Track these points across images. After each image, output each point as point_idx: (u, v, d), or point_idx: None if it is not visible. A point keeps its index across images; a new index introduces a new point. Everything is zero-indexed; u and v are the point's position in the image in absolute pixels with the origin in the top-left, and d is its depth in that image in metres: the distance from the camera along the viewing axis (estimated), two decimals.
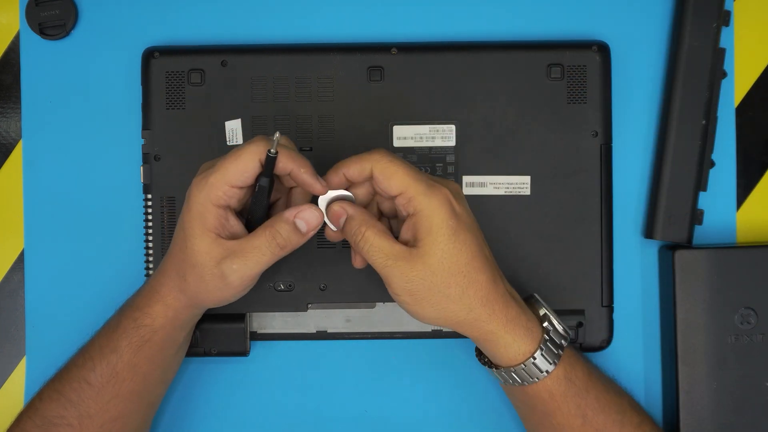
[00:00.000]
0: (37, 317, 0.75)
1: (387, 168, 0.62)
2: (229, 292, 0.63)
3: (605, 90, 0.72)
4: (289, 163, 0.62)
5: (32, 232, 0.75)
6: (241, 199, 0.63)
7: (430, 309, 0.63)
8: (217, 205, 0.61)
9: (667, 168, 0.72)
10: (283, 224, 0.62)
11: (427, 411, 0.74)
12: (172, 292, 0.64)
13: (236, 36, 0.74)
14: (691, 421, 0.70)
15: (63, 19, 0.74)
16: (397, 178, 0.62)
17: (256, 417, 0.74)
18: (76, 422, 0.65)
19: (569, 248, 0.72)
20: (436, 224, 0.61)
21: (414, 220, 0.62)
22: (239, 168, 0.61)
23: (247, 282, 0.63)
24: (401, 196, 0.62)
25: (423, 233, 0.62)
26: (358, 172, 0.63)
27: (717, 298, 0.71)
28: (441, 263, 0.61)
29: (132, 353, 0.65)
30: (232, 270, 0.62)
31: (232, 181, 0.61)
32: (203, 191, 0.61)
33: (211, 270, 0.62)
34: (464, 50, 0.72)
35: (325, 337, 0.73)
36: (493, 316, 0.63)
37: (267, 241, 0.62)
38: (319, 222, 0.63)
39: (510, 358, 0.64)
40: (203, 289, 0.63)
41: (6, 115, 0.75)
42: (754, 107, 0.75)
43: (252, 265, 0.62)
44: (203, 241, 0.62)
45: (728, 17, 0.72)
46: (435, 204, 0.61)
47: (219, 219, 0.62)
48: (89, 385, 0.65)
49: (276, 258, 0.62)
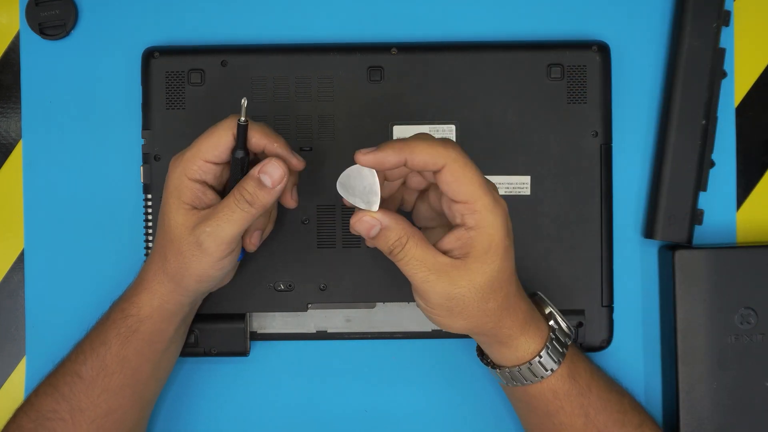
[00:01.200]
0: (37, 317, 0.75)
1: (462, 172, 0.58)
2: (207, 260, 0.62)
3: (605, 90, 0.72)
4: (263, 139, 0.62)
5: (32, 232, 0.75)
6: (217, 176, 0.63)
7: (461, 321, 0.61)
8: (191, 179, 0.62)
9: (667, 168, 0.72)
10: (249, 180, 0.61)
11: (427, 411, 0.74)
12: (156, 276, 0.64)
13: (236, 36, 0.75)
14: (691, 421, 0.70)
15: (63, 19, 0.74)
16: (470, 186, 0.58)
17: (256, 417, 0.74)
18: (68, 416, 0.65)
19: (569, 248, 0.72)
20: (495, 244, 0.59)
21: (471, 234, 0.59)
22: (212, 142, 0.61)
23: (223, 247, 0.62)
24: (465, 205, 0.59)
25: (479, 251, 0.59)
26: (424, 164, 0.58)
27: (717, 298, 0.71)
28: (488, 282, 0.60)
29: (120, 345, 0.65)
30: (206, 234, 0.61)
31: (206, 156, 0.61)
32: (179, 167, 0.62)
33: (186, 239, 0.62)
34: (464, 50, 0.72)
35: (325, 337, 0.73)
36: (515, 322, 0.62)
37: (236, 200, 0.61)
38: (282, 175, 0.61)
39: (517, 358, 0.64)
40: (183, 264, 0.62)
41: (6, 115, 0.75)
42: (754, 107, 0.75)
43: (224, 225, 0.61)
44: (178, 214, 0.62)
45: (728, 17, 0.72)
46: (498, 222, 0.59)
47: (195, 192, 0.62)
48: (80, 379, 0.65)
49: (248, 216, 0.61)
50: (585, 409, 0.65)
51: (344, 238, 0.72)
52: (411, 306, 0.73)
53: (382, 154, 0.58)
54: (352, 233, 0.61)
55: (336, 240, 0.72)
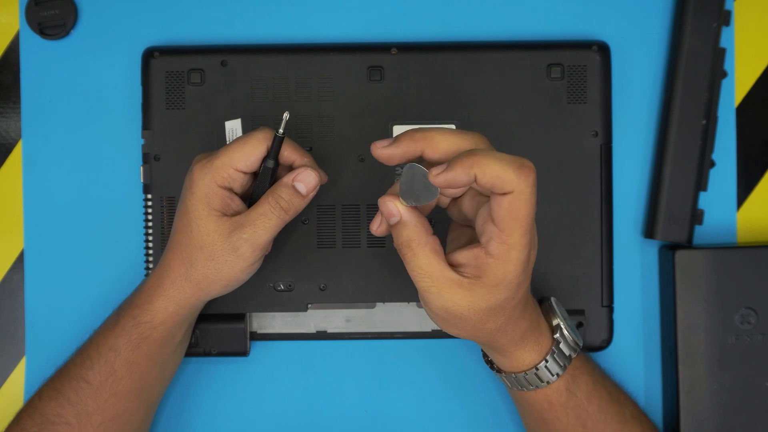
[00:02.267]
0: (37, 317, 0.75)
1: (520, 208, 0.54)
2: (240, 265, 0.63)
3: (605, 90, 0.72)
4: (294, 153, 0.64)
5: (32, 232, 0.75)
6: (243, 185, 0.64)
7: (455, 330, 0.61)
8: (221, 186, 0.63)
9: (667, 168, 0.72)
10: (284, 188, 0.63)
11: (427, 411, 0.74)
12: (175, 283, 0.64)
13: (236, 36, 0.74)
14: (691, 421, 0.70)
15: (63, 19, 0.74)
16: (518, 222, 0.55)
17: (256, 417, 0.74)
18: (74, 420, 0.65)
19: (569, 248, 0.72)
20: (509, 280, 0.57)
21: (489, 262, 0.56)
22: (246, 152, 0.63)
23: (258, 252, 0.63)
24: (501, 234, 0.56)
25: (491, 280, 0.57)
26: (491, 186, 0.54)
27: (717, 298, 0.70)
28: (490, 308, 0.58)
29: (130, 351, 0.65)
30: (242, 240, 0.62)
31: (237, 165, 0.62)
32: (208, 174, 0.63)
33: (221, 245, 0.63)
34: (464, 50, 0.72)
35: (325, 337, 0.73)
36: (513, 339, 0.62)
37: (271, 207, 0.63)
38: (316, 183, 0.64)
39: (514, 367, 0.64)
40: (213, 270, 0.63)
41: (6, 115, 0.75)
42: (754, 107, 0.75)
43: (261, 231, 0.62)
44: (210, 220, 0.63)
45: (728, 17, 0.72)
46: (521, 259, 0.56)
47: (224, 199, 0.63)
48: (87, 384, 0.65)
49: (282, 223, 0.63)
50: (582, 420, 0.65)
51: (344, 238, 0.72)
52: (411, 306, 0.73)
53: (451, 174, 0.55)
54: (372, 225, 0.60)
55: (336, 240, 0.72)
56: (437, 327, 0.72)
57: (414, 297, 0.72)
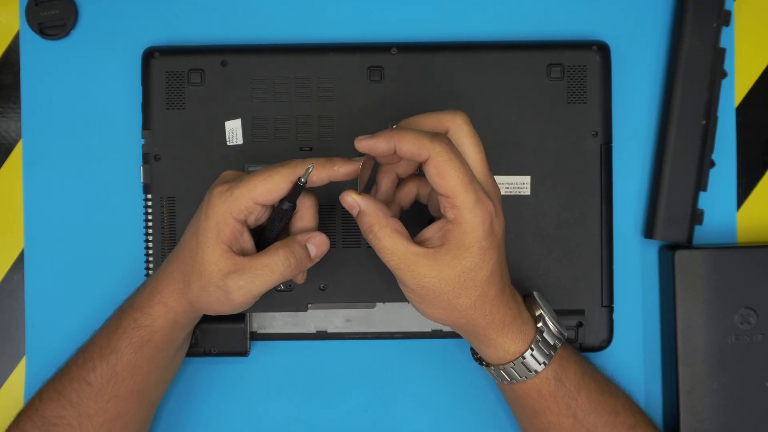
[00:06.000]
0: (37, 317, 0.75)
1: (445, 166, 0.58)
2: (230, 305, 0.63)
3: (605, 90, 0.72)
4: (323, 172, 0.62)
5: (32, 232, 0.75)
6: (258, 218, 0.63)
7: (434, 310, 0.62)
8: (236, 219, 0.61)
9: (667, 168, 0.72)
10: (297, 246, 0.63)
11: (427, 411, 0.74)
12: (173, 294, 0.64)
13: (236, 36, 0.75)
14: (691, 421, 0.70)
15: (63, 19, 0.74)
16: (450, 181, 0.59)
17: (256, 417, 0.74)
18: (75, 422, 0.65)
19: (569, 248, 0.72)
20: (469, 242, 0.60)
21: (449, 227, 0.60)
22: (269, 187, 0.61)
23: (250, 300, 0.63)
24: (446, 198, 0.59)
25: (453, 245, 0.60)
26: (411, 154, 0.59)
27: (717, 298, 0.71)
28: (457, 276, 0.60)
29: (132, 354, 0.65)
30: (237, 286, 0.62)
31: (258, 199, 0.61)
32: (225, 202, 0.61)
33: (216, 283, 0.62)
34: (464, 50, 0.72)
35: (325, 337, 0.73)
36: (492, 323, 0.63)
37: (281, 261, 0.62)
38: (326, 248, 0.64)
39: (499, 357, 0.64)
40: (204, 300, 0.63)
41: (6, 115, 0.75)
42: (754, 107, 0.75)
43: (259, 283, 0.62)
44: (215, 252, 0.61)
45: (728, 17, 0.72)
46: (476, 221, 0.59)
47: (235, 233, 0.62)
48: (89, 385, 0.65)
49: (283, 279, 0.62)
50: (573, 411, 0.65)
51: (344, 238, 0.72)
52: (411, 306, 0.73)
53: (374, 141, 0.60)
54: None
55: (336, 240, 0.72)
56: (437, 327, 0.73)
57: None
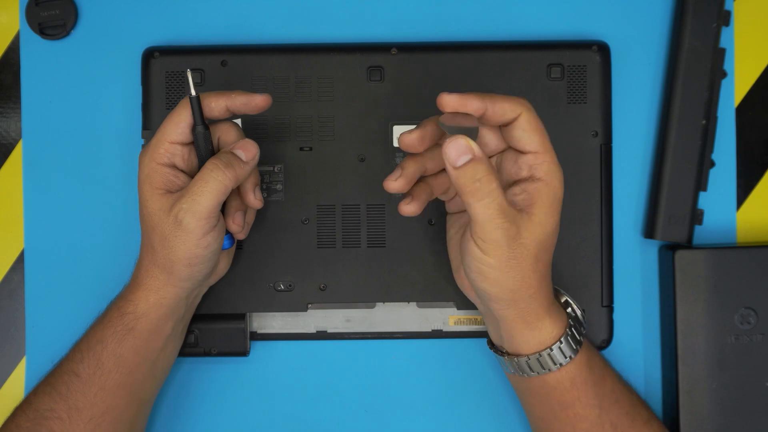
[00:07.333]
0: (37, 317, 0.75)
1: (536, 122, 0.59)
2: (190, 239, 0.61)
3: (605, 90, 0.72)
4: (220, 100, 0.63)
5: (32, 232, 0.75)
6: (185, 158, 0.63)
7: (505, 279, 0.60)
8: (160, 163, 0.62)
9: (667, 168, 0.72)
10: (223, 153, 0.63)
11: (427, 411, 0.74)
12: (148, 271, 0.64)
13: (236, 36, 0.75)
14: (691, 421, 0.70)
15: (63, 19, 0.74)
16: (542, 137, 0.59)
17: (256, 417, 0.74)
18: (65, 415, 0.65)
19: (569, 248, 0.72)
20: (558, 198, 0.60)
21: (539, 186, 0.59)
22: (173, 122, 0.62)
23: (203, 222, 0.61)
24: (535, 155, 0.60)
25: (545, 202, 0.59)
26: (503, 112, 0.59)
27: (717, 298, 0.71)
28: (545, 238, 0.60)
29: (116, 343, 0.65)
30: (183, 211, 0.61)
31: (170, 137, 0.62)
32: (147, 154, 0.63)
33: (167, 222, 0.62)
34: (464, 50, 0.72)
35: (325, 337, 0.73)
36: (546, 298, 0.62)
37: (209, 169, 0.61)
38: (255, 150, 0.63)
39: (539, 342, 0.62)
40: (169, 250, 0.62)
41: (6, 115, 0.75)
42: (754, 107, 0.75)
43: (200, 198, 0.61)
44: (153, 200, 0.62)
45: (728, 17, 0.72)
46: (560, 176, 0.60)
47: (166, 176, 0.62)
48: (78, 377, 0.65)
49: (222, 186, 0.61)
50: (600, 400, 0.64)
51: (344, 238, 0.72)
52: (411, 306, 0.73)
53: (466, 97, 0.59)
54: (443, 156, 0.58)
55: (336, 240, 0.72)
56: (437, 327, 0.73)
57: (414, 297, 0.72)
